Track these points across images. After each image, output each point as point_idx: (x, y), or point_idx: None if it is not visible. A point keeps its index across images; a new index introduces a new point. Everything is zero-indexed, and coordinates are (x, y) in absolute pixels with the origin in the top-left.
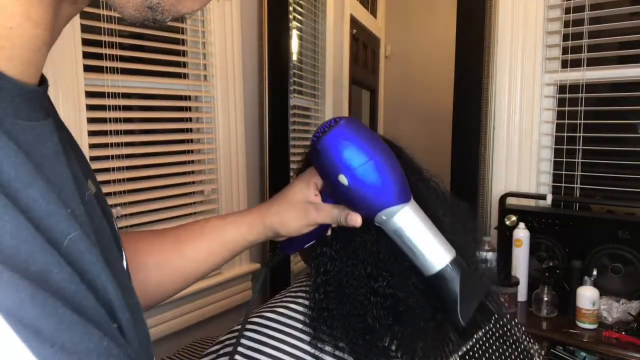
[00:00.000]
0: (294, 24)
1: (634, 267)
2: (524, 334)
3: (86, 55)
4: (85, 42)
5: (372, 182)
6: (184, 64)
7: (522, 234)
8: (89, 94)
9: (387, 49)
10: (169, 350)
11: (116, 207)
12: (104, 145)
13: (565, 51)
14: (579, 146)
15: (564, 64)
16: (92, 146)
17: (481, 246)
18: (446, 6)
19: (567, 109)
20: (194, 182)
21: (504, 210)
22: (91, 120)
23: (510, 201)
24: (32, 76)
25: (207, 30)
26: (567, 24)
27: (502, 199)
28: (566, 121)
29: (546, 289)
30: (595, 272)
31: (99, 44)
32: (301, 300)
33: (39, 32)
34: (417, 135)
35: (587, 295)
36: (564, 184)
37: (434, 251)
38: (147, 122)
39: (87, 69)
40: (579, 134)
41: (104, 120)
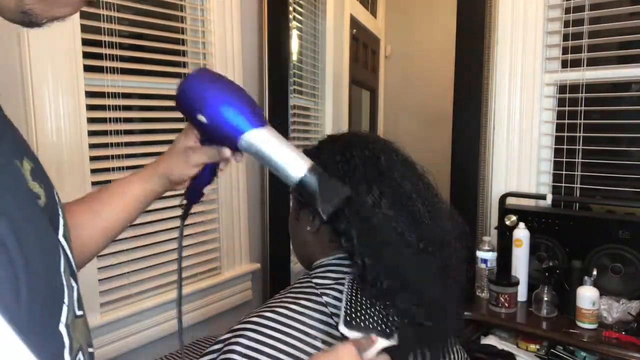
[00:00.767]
0: (294, 24)
1: (634, 267)
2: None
3: (86, 55)
4: (85, 42)
5: (222, 117)
6: (184, 64)
7: (522, 234)
8: (89, 94)
9: (387, 49)
10: (168, 350)
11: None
12: (104, 145)
13: (565, 51)
14: (579, 146)
15: (564, 64)
16: (92, 146)
17: (481, 246)
18: (446, 6)
19: (567, 109)
20: None
21: (504, 210)
22: (91, 120)
23: (510, 201)
24: None
25: (207, 30)
26: (567, 24)
27: (502, 199)
28: (566, 121)
29: (546, 289)
30: (595, 272)
31: (99, 44)
32: (301, 301)
33: None
34: (417, 135)
35: (587, 295)
36: (564, 184)
37: (290, 163)
38: (147, 122)
39: (87, 69)
40: (579, 134)
41: (104, 120)
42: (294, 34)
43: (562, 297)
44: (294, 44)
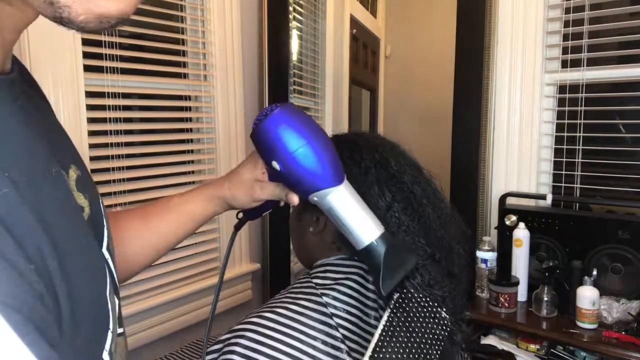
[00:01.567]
0: (294, 24)
1: (634, 267)
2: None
3: (86, 55)
4: (85, 42)
5: (300, 171)
6: (184, 64)
7: (522, 234)
8: (89, 94)
9: (387, 49)
10: (168, 350)
11: (116, 206)
12: (104, 145)
13: (565, 51)
14: (579, 146)
15: (564, 64)
16: (92, 146)
17: (481, 246)
18: (446, 6)
19: (567, 109)
20: (193, 182)
21: (504, 210)
22: (91, 120)
23: (510, 201)
24: None
25: (207, 30)
26: (567, 24)
27: (502, 199)
28: (566, 121)
29: (546, 289)
30: (595, 272)
31: (99, 44)
32: (301, 301)
33: None
34: (417, 135)
35: (587, 295)
36: (564, 184)
37: (361, 228)
38: (147, 122)
39: (87, 69)
40: (579, 134)
41: (104, 120)
42: (294, 34)
43: (562, 297)
44: (294, 44)
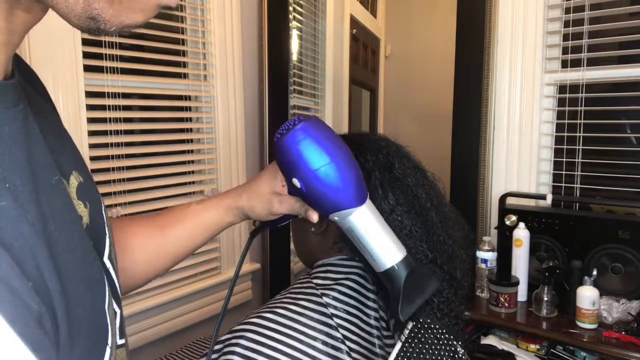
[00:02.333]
0: (294, 24)
1: (634, 267)
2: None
3: (86, 55)
4: (85, 42)
5: (321, 190)
6: (184, 64)
7: (522, 234)
8: (89, 94)
9: (387, 49)
10: (168, 350)
11: (116, 207)
12: (104, 145)
13: (565, 51)
14: (579, 146)
15: (564, 64)
16: (92, 146)
17: (481, 246)
18: (446, 6)
19: (567, 109)
20: (193, 182)
21: (504, 210)
22: (91, 120)
23: (510, 201)
24: None
25: (207, 30)
26: (567, 24)
27: (502, 198)
28: (566, 121)
29: (546, 289)
30: (595, 272)
31: (99, 44)
32: (301, 301)
33: None
34: (417, 135)
35: (587, 295)
36: (564, 184)
37: (382, 251)
38: (147, 122)
39: (87, 69)
40: (579, 134)
41: (104, 120)
42: (294, 34)
43: (562, 297)
44: (294, 44)
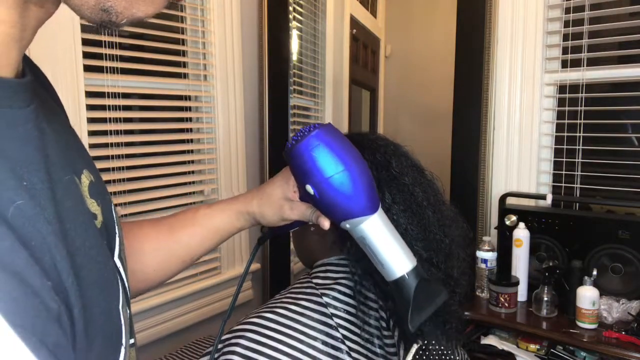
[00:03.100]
0: (294, 24)
1: (634, 267)
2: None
3: (86, 55)
4: (85, 42)
5: (334, 197)
6: (184, 64)
7: (522, 234)
8: (89, 94)
9: (387, 49)
10: (168, 350)
11: (116, 207)
12: (104, 145)
13: (565, 51)
14: (579, 146)
15: (564, 64)
16: (92, 146)
17: (481, 245)
18: (446, 6)
19: (567, 109)
20: (194, 182)
21: (504, 210)
22: (91, 120)
23: (510, 201)
24: (3, 69)
25: (207, 30)
26: (567, 24)
27: (502, 198)
28: (566, 121)
29: (546, 289)
30: (595, 272)
31: (99, 44)
32: (301, 301)
33: (6, 29)
34: (417, 135)
35: (587, 295)
36: (564, 184)
37: (393, 261)
38: (147, 122)
39: (87, 69)
40: (579, 134)
41: (104, 120)
42: (294, 34)
43: (562, 297)
44: (294, 44)
